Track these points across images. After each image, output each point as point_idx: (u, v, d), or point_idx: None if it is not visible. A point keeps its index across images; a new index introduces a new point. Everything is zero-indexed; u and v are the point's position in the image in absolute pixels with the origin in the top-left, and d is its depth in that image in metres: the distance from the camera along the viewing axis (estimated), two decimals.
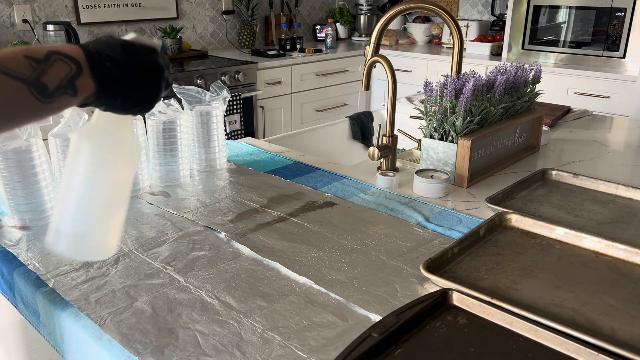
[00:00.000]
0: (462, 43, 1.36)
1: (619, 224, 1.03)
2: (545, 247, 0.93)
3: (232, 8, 3.59)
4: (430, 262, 0.83)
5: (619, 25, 2.93)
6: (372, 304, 0.77)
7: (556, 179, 1.25)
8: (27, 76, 0.50)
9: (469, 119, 1.18)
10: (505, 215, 1.00)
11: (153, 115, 1.16)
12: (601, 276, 0.84)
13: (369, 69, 1.29)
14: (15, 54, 0.50)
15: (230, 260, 0.89)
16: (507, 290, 0.80)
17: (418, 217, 1.05)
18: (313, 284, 0.82)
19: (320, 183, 1.22)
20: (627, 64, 2.94)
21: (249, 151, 1.44)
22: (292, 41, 3.52)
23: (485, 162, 1.28)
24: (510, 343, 0.68)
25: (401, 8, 1.31)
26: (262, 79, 3.16)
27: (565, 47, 3.16)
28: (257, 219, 1.04)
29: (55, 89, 0.52)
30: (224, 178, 1.26)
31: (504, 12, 3.70)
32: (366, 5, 4.17)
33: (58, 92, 0.52)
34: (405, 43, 4.03)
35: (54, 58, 0.52)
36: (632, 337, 0.70)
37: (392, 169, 1.28)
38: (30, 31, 2.76)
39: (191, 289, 0.81)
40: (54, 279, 0.83)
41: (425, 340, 0.68)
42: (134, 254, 0.91)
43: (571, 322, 0.72)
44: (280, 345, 0.68)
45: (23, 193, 0.97)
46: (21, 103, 0.51)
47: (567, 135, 1.65)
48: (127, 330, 0.72)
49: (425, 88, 1.24)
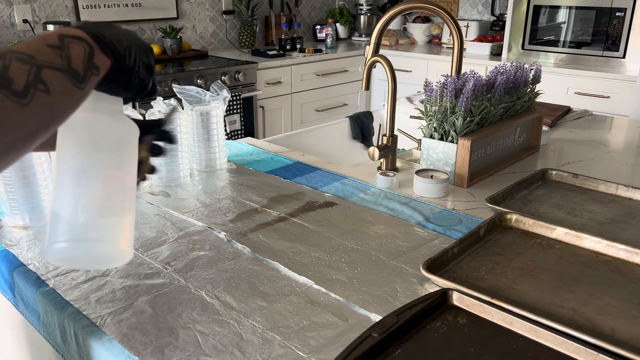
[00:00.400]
0: (462, 43, 1.36)
1: (619, 224, 1.03)
2: (545, 247, 0.93)
3: (232, 8, 3.59)
4: (430, 262, 0.83)
5: (619, 25, 2.93)
6: (372, 304, 0.77)
7: (556, 179, 1.25)
8: (60, 64, 0.48)
9: (469, 119, 1.18)
10: (505, 215, 1.00)
11: (153, 115, 1.16)
12: (601, 276, 0.84)
13: (369, 69, 1.29)
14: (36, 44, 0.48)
15: (230, 260, 0.89)
16: (507, 290, 0.80)
17: (418, 217, 1.05)
18: (313, 284, 0.82)
19: (320, 183, 1.22)
20: (627, 64, 2.94)
21: (249, 151, 1.44)
22: (292, 41, 3.52)
23: (485, 162, 1.28)
24: (510, 343, 0.68)
25: (401, 8, 1.31)
26: (262, 79, 3.16)
27: (565, 47, 3.16)
28: (257, 219, 1.04)
29: (84, 72, 0.50)
30: (224, 178, 1.26)
31: (504, 12, 3.70)
32: (366, 5, 4.17)
33: (87, 75, 0.50)
34: (405, 43, 4.03)
35: (66, 41, 0.49)
36: (632, 337, 0.70)
37: (392, 169, 1.28)
38: (31, 31, 2.76)
39: (191, 289, 0.81)
40: (54, 279, 0.83)
41: (425, 340, 0.68)
42: (134, 254, 0.91)
43: (571, 322, 0.72)
44: (281, 345, 0.69)
45: (23, 193, 0.97)
46: (66, 95, 0.49)
47: (567, 135, 1.65)
48: (127, 330, 0.72)
49: (425, 88, 1.24)
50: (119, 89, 0.57)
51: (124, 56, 0.55)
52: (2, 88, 0.43)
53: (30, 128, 0.46)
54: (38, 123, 0.46)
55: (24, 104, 0.44)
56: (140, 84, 0.58)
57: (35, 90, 0.45)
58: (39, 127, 0.47)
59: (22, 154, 0.47)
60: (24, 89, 0.45)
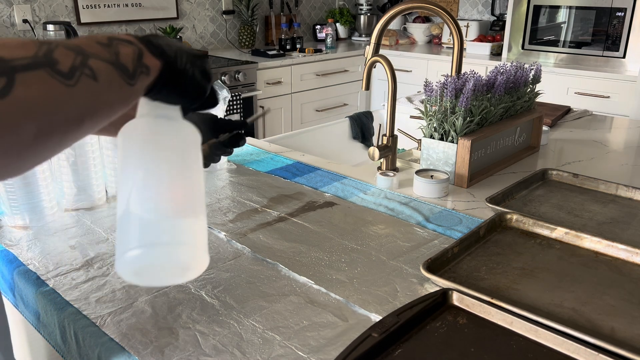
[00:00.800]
0: (462, 43, 1.36)
1: (619, 224, 1.03)
2: (545, 247, 0.93)
3: (232, 8, 3.59)
4: (430, 262, 0.83)
5: (619, 25, 2.93)
6: (372, 304, 0.77)
7: (556, 179, 1.25)
8: (108, 58, 0.46)
9: (469, 119, 1.18)
10: (505, 215, 1.00)
11: None
12: (601, 276, 0.84)
13: (369, 69, 1.29)
14: (86, 39, 0.47)
15: (230, 260, 0.89)
16: (507, 290, 0.80)
17: (418, 217, 1.05)
18: (313, 284, 0.82)
19: (320, 183, 1.22)
20: (627, 64, 2.94)
21: (249, 151, 1.44)
22: (292, 41, 3.52)
23: (485, 162, 1.28)
24: (510, 343, 0.68)
25: (401, 8, 1.31)
26: (262, 79, 3.16)
27: (565, 47, 3.16)
28: (257, 219, 1.04)
29: (134, 69, 0.48)
30: (224, 178, 1.26)
31: (504, 12, 3.70)
32: (366, 5, 4.18)
33: (137, 72, 0.49)
34: (405, 43, 4.03)
35: (115, 42, 0.48)
36: (632, 337, 0.70)
37: (392, 169, 1.28)
38: (30, 31, 2.76)
39: (191, 289, 0.81)
40: (54, 279, 0.83)
41: (425, 340, 0.68)
42: None
43: (571, 322, 0.72)
44: (281, 345, 0.69)
45: (23, 193, 0.97)
46: (114, 87, 0.47)
47: (567, 135, 1.65)
48: (127, 330, 0.72)
49: (425, 88, 1.24)
50: (174, 94, 0.55)
51: (174, 59, 0.53)
52: (46, 66, 0.41)
53: (76, 112, 0.44)
54: (84, 109, 0.44)
55: (69, 85, 0.42)
56: (197, 89, 0.56)
57: (82, 74, 0.43)
58: (84, 113, 0.45)
59: (65, 142, 0.45)
60: (70, 71, 0.43)
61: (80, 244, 0.94)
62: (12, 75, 0.39)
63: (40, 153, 0.44)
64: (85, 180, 1.05)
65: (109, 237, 0.96)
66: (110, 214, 1.05)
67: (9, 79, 0.39)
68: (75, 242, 0.95)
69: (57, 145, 0.45)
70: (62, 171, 1.03)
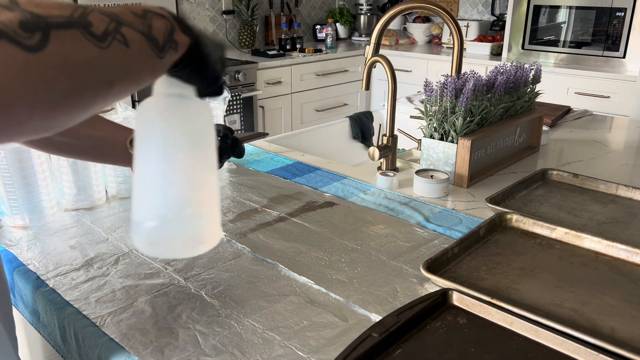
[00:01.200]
0: (462, 43, 1.36)
1: (619, 224, 1.03)
2: (545, 247, 0.93)
3: (232, 8, 3.59)
4: (430, 262, 0.83)
5: (619, 25, 2.93)
6: (372, 304, 0.77)
7: (556, 179, 1.25)
8: (141, 29, 0.48)
9: (469, 119, 1.18)
10: (505, 215, 1.00)
11: None
12: (601, 276, 0.84)
13: (369, 69, 1.29)
14: (122, 8, 0.48)
15: (230, 260, 0.89)
16: (507, 290, 0.80)
17: (418, 217, 1.05)
18: (313, 284, 0.82)
19: (320, 183, 1.22)
20: (627, 64, 2.94)
21: (248, 151, 1.44)
22: (292, 41, 3.52)
23: (485, 162, 1.28)
24: (510, 343, 0.68)
25: (401, 8, 1.31)
26: (262, 79, 3.16)
27: (565, 47, 3.16)
28: (257, 219, 1.04)
29: (164, 43, 0.50)
30: (224, 178, 1.26)
31: (504, 12, 3.70)
32: (366, 5, 4.18)
33: (167, 46, 0.50)
34: (405, 43, 4.03)
35: (150, 15, 0.50)
36: (632, 337, 0.70)
37: (392, 169, 1.28)
38: None
39: (191, 289, 0.81)
40: (54, 279, 0.83)
41: (425, 340, 0.68)
42: (134, 254, 0.91)
43: (571, 322, 0.72)
44: (281, 345, 0.68)
45: (23, 193, 0.97)
46: (145, 57, 0.48)
47: (567, 135, 1.65)
48: (127, 330, 0.72)
49: (425, 88, 1.24)
50: (194, 76, 0.57)
51: (202, 41, 0.55)
52: (80, 27, 0.42)
53: (106, 74, 0.45)
54: (115, 72, 0.45)
55: (102, 47, 0.43)
56: (214, 75, 0.58)
57: (114, 39, 0.45)
58: (115, 76, 0.46)
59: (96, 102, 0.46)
60: (103, 34, 0.44)
61: (80, 244, 0.94)
62: (47, 31, 0.40)
63: (72, 112, 0.45)
64: (85, 180, 1.05)
65: (109, 237, 0.96)
66: (110, 214, 1.05)
67: (44, 35, 0.40)
68: (75, 242, 0.95)
69: (89, 105, 0.46)
70: (62, 171, 1.03)
